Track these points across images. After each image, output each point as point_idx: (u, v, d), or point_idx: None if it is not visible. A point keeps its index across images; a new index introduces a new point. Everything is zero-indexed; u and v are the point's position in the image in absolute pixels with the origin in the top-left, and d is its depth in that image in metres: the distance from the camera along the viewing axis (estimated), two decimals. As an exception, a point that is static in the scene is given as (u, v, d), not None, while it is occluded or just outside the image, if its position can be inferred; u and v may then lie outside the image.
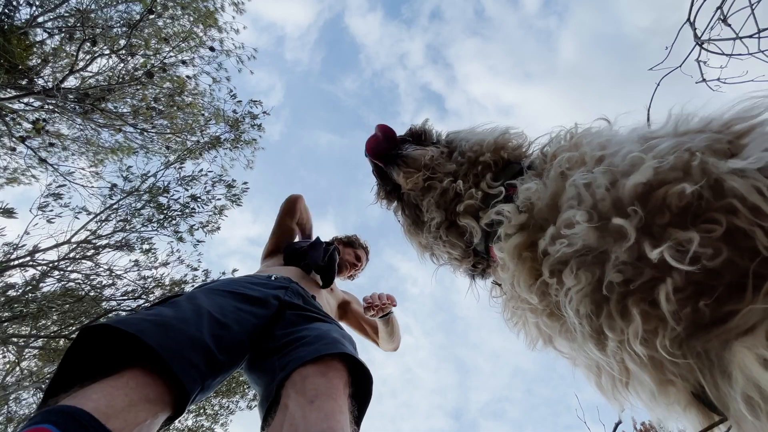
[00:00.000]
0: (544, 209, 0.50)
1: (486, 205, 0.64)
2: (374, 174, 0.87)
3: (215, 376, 0.97)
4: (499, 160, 0.70)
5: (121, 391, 0.75)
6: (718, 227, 0.38)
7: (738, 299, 0.38)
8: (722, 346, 0.38)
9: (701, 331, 0.39)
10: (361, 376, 1.03)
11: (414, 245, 0.82)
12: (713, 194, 0.39)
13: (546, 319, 0.50)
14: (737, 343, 0.37)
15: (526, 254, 0.51)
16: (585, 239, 0.43)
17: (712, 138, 0.42)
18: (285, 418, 0.82)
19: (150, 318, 0.93)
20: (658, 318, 0.40)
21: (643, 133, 0.49)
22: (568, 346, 0.51)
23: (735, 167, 0.38)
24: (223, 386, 6.12)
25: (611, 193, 0.44)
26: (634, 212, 0.41)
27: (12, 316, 4.45)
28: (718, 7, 1.32)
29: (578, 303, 0.43)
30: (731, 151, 0.41)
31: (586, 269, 0.43)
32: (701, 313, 0.39)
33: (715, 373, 0.39)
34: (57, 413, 0.67)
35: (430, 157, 0.74)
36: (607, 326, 0.42)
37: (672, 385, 0.41)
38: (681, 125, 0.46)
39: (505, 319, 0.61)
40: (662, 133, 0.46)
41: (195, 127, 5.59)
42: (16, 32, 3.98)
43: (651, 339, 0.40)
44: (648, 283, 0.40)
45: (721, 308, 0.39)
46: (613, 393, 0.47)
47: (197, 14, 5.08)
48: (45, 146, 5.23)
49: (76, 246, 5.24)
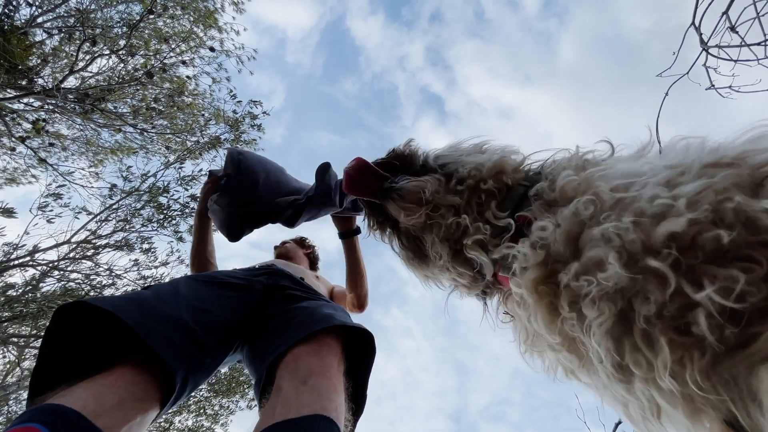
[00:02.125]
0: (561, 249, 0.49)
1: (494, 236, 0.62)
2: (362, 204, 0.83)
3: (202, 356, 0.94)
4: (502, 186, 0.67)
5: (110, 389, 0.74)
6: (758, 267, 0.37)
7: (761, 322, 0.37)
8: (748, 371, 0.38)
9: (726, 357, 0.39)
10: (359, 343, 1.01)
11: (418, 276, 0.80)
12: (747, 232, 0.38)
13: (567, 354, 0.48)
14: (763, 368, 0.36)
15: (543, 288, 0.49)
16: (618, 281, 0.42)
17: (734, 173, 0.41)
18: (278, 399, 0.81)
19: (128, 296, 0.92)
20: (684, 347, 0.39)
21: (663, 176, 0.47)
22: (590, 379, 0.50)
23: (765, 206, 0.38)
24: (223, 386, 6.12)
25: (640, 236, 0.43)
26: (668, 254, 0.40)
27: (12, 316, 4.45)
28: (723, 12, 1.30)
29: (601, 337, 0.42)
30: (755, 184, 0.40)
31: (608, 299, 0.42)
32: (727, 339, 0.38)
33: (745, 399, 0.39)
34: (45, 412, 0.66)
35: (429, 192, 0.69)
36: (632, 361, 0.41)
37: (704, 414, 0.41)
38: (697, 159, 0.45)
39: (520, 352, 0.59)
40: (682, 170, 0.45)
41: (195, 127, 5.58)
42: (16, 32, 3.97)
43: (680, 371, 0.39)
44: (679, 310, 0.39)
45: (743, 331, 0.38)
46: (644, 423, 0.46)
47: (197, 14, 5.06)
48: (45, 146, 5.22)
49: (76, 246, 5.24)
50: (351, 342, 1.02)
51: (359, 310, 1.62)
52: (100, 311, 0.83)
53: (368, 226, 0.84)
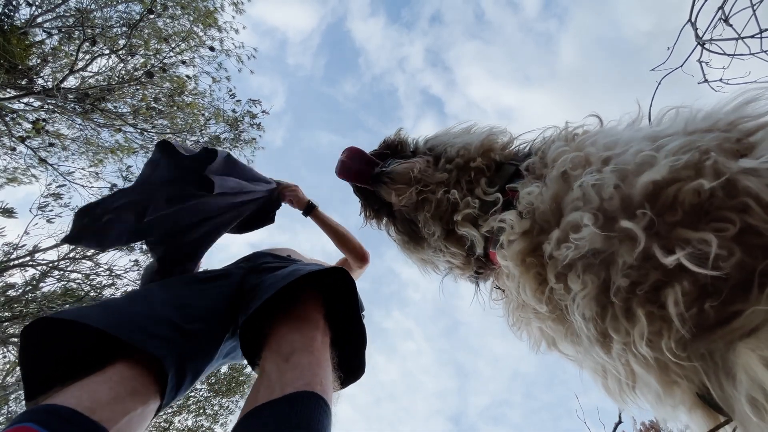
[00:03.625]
0: (547, 212, 0.49)
1: (484, 211, 0.63)
2: (357, 194, 0.84)
3: (192, 342, 0.91)
4: (491, 163, 0.68)
5: (104, 386, 0.74)
6: (731, 226, 0.37)
7: (743, 299, 0.38)
8: (726, 347, 0.38)
9: (706, 333, 0.39)
10: (338, 295, 0.99)
11: (415, 261, 0.80)
12: (726, 194, 0.39)
13: (551, 323, 0.49)
14: (741, 344, 0.37)
15: (530, 260, 0.50)
16: (592, 242, 0.43)
17: (721, 137, 0.41)
18: (262, 381, 0.79)
19: (97, 303, 0.92)
20: (663, 319, 0.40)
21: (649, 132, 0.48)
22: (573, 350, 0.51)
23: (747, 166, 0.38)
24: (223, 386, 6.11)
25: (620, 192, 0.43)
26: (642, 214, 0.40)
27: (12, 316, 4.45)
28: (719, 7, 1.32)
29: (584, 307, 0.42)
30: (740, 150, 0.41)
31: (591, 273, 0.43)
32: (706, 314, 0.39)
33: (719, 374, 0.39)
34: (38, 412, 0.66)
35: (418, 170, 0.71)
36: (612, 328, 0.42)
37: (677, 386, 0.41)
38: (689, 123, 0.45)
39: (509, 324, 0.60)
40: (671, 132, 0.45)
41: (195, 126, 5.58)
42: (16, 32, 3.97)
43: (656, 341, 0.40)
44: (654, 285, 0.40)
45: (725, 309, 0.38)
46: (620, 395, 0.46)
47: (197, 14, 5.07)
48: (45, 146, 5.22)
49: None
50: (331, 297, 1.00)
51: (362, 261, 1.63)
52: (65, 322, 0.82)
53: (364, 216, 0.84)
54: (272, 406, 0.70)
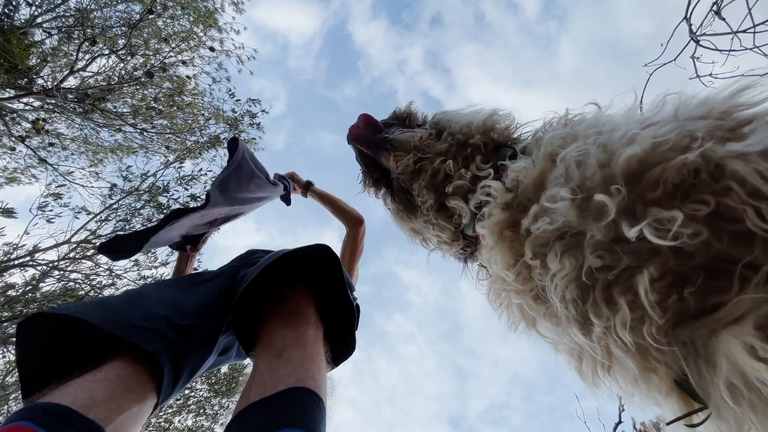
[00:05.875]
0: (530, 188, 0.50)
1: (476, 186, 0.64)
2: (359, 161, 0.87)
3: (187, 336, 0.91)
4: (489, 142, 0.70)
5: (100, 384, 0.74)
6: (704, 207, 0.37)
7: (725, 289, 0.38)
8: (709, 335, 0.38)
9: (688, 321, 0.39)
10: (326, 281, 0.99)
11: (405, 231, 0.82)
12: (711, 177, 0.38)
13: (531, 301, 0.49)
14: (725, 331, 0.37)
15: (507, 233, 0.50)
16: (566, 216, 0.43)
17: (714, 125, 0.41)
18: (254, 379, 0.79)
19: (92, 301, 0.92)
20: (644, 307, 0.40)
21: (641, 117, 0.48)
22: (551, 330, 0.50)
23: (736, 150, 0.38)
24: (223, 386, 6.11)
25: (603, 169, 0.43)
26: (617, 191, 0.40)
27: (12, 316, 4.45)
28: (714, 2, 1.32)
29: (564, 289, 0.42)
30: (732, 139, 0.40)
31: (570, 254, 0.42)
32: (687, 302, 0.38)
33: (699, 361, 0.39)
34: (33, 410, 0.65)
35: (419, 138, 0.73)
36: (593, 313, 0.42)
37: (654, 372, 0.41)
38: (681, 110, 0.45)
39: (489, 301, 0.60)
40: (662, 117, 0.45)
41: (195, 126, 5.60)
42: (15, 32, 3.99)
43: (638, 326, 0.40)
44: (626, 272, 0.40)
45: (708, 299, 0.38)
46: (593, 378, 0.46)
47: (197, 14, 5.09)
48: (44, 146, 5.24)
49: (76, 246, 5.24)
50: (319, 282, 1.01)
51: (359, 223, 1.70)
52: (61, 318, 0.82)
53: (364, 184, 0.87)
54: (264, 404, 0.70)
